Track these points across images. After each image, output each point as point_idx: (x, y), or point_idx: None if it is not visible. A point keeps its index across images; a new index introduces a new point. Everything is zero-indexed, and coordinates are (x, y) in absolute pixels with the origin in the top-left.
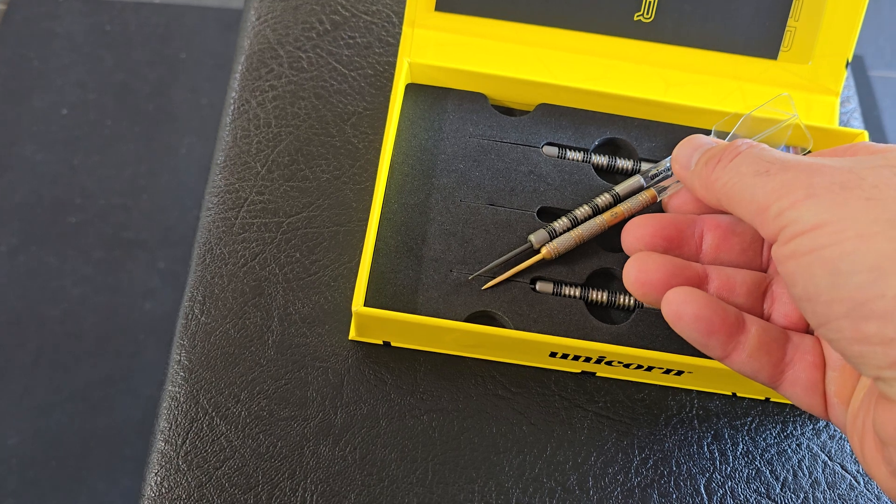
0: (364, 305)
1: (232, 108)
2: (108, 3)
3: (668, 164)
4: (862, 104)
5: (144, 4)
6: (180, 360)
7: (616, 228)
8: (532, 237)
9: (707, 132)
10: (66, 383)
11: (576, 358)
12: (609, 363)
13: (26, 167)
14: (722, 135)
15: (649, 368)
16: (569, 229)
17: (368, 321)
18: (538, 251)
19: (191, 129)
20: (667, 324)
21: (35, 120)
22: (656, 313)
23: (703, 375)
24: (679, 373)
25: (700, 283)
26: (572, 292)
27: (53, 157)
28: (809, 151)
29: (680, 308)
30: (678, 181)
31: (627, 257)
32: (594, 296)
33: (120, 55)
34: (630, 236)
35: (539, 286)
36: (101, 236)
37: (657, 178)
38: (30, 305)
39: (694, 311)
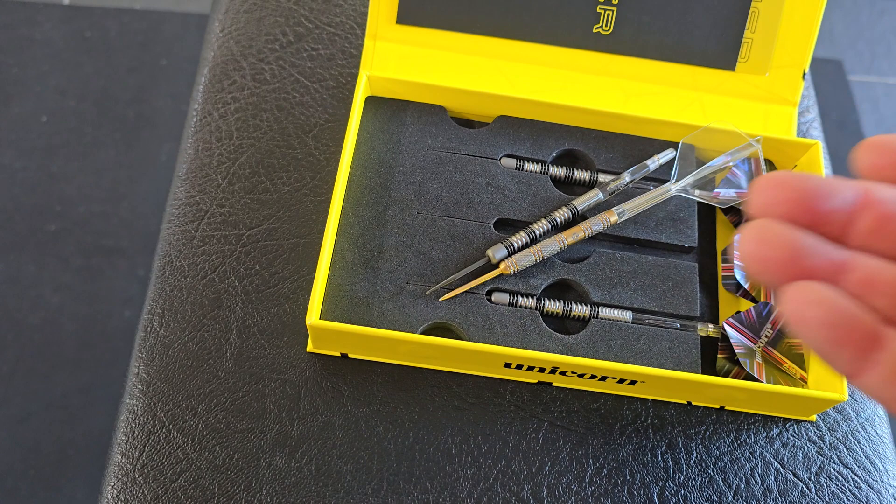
0: (319, 318)
1: (195, 119)
2: (87, 9)
3: (627, 178)
4: (841, 109)
5: (125, 11)
6: (138, 372)
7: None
8: (490, 252)
9: (667, 143)
10: (45, 392)
11: (530, 368)
12: (563, 373)
13: (5, 174)
14: (688, 148)
15: (603, 378)
16: (527, 244)
17: (324, 334)
18: (496, 265)
19: (171, 136)
20: (622, 334)
21: (14, 127)
22: (611, 323)
23: (657, 385)
24: (633, 382)
25: (835, 273)
26: (528, 303)
27: (32, 165)
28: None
29: (804, 309)
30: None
31: (585, 269)
32: (550, 307)
33: (100, 62)
34: (761, 197)
35: (495, 297)
36: (80, 244)
37: (616, 191)
38: (8, 313)
39: (821, 315)
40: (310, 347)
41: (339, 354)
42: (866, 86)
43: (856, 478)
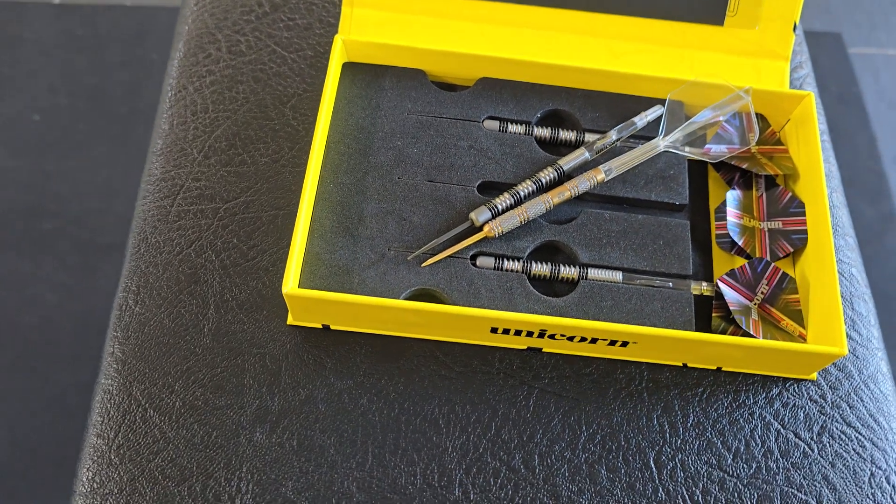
0: (298, 287)
1: (169, 94)
2: (78, 6)
3: (614, 136)
4: (841, 82)
5: (115, 7)
6: (113, 352)
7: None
8: (473, 215)
9: (655, 101)
10: (44, 390)
11: (518, 333)
12: (553, 337)
13: None
14: (676, 104)
15: (594, 341)
16: (511, 206)
17: (302, 303)
18: (480, 229)
19: None
20: (612, 294)
21: (6, 126)
22: (601, 284)
23: (650, 345)
24: (625, 344)
25: None
26: (514, 267)
27: (26, 164)
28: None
29: None
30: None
31: (572, 230)
32: (537, 269)
33: (91, 58)
34: None
35: (480, 261)
36: (76, 241)
37: (603, 150)
38: (5, 313)
39: None
40: (290, 320)
41: (320, 326)
42: (866, 58)
43: (859, 436)
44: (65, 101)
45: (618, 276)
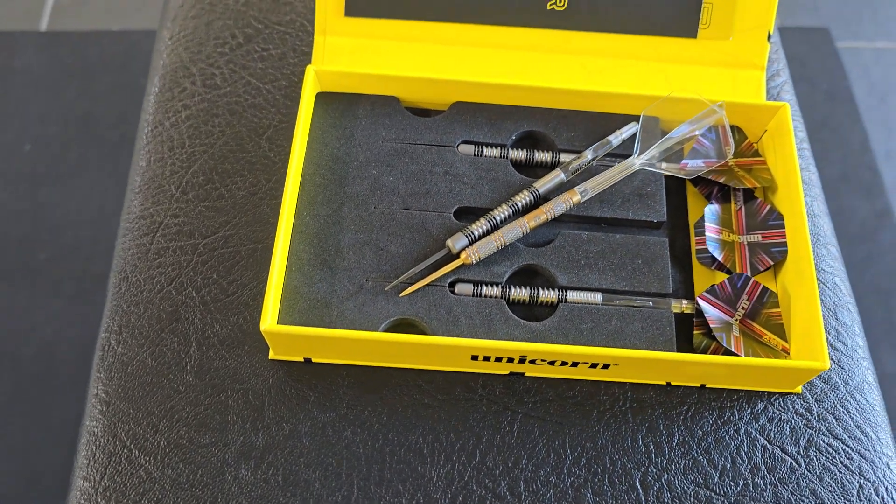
0: (277, 323)
1: (146, 130)
2: (65, 34)
3: (589, 156)
4: (830, 78)
5: (102, 33)
6: (97, 393)
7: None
8: (450, 242)
9: (631, 118)
10: (44, 420)
11: (499, 359)
12: (534, 362)
13: None
14: (651, 121)
15: (575, 364)
16: (488, 231)
17: (281, 339)
18: (457, 256)
19: None
20: (592, 316)
21: None
22: (580, 306)
23: (633, 367)
24: (606, 366)
25: None
26: (493, 292)
27: (18, 194)
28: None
29: None
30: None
31: (550, 253)
32: (516, 294)
33: (80, 86)
34: None
35: (458, 288)
36: (70, 270)
37: (579, 170)
38: (2, 344)
39: None
40: (272, 355)
41: (302, 360)
42: (855, 52)
43: (847, 448)
44: (55, 129)
45: (597, 297)
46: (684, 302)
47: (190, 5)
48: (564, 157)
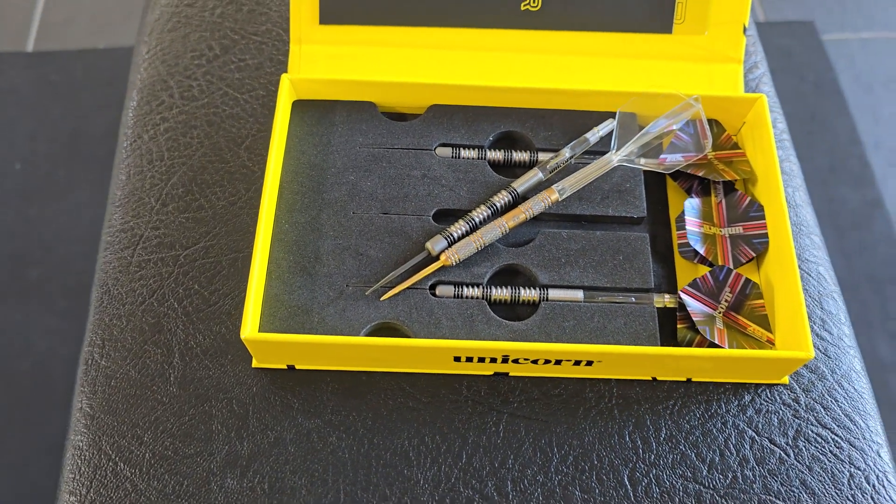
0: (258, 331)
1: (125, 144)
2: (52, 53)
3: (567, 154)
4: (817, 70)
5: (88, 51)
6: (81, 407)
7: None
8: (429, 244)
9: (608, 115)
10: (41, 437)
11: (482, 360)
12: (517, 361)
13: None
14: (627, 117)
15: (559, 362)
16: (467, 233)
17: (263, 347)
18: (437, 258)
19: None
20: (574, 314)
21: None
22: (562, 304)
23: (615, 363)
24: (590, 363)
25: None
26: (474, 293)
27: (9, 212)
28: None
29: None
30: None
31: (530, 252)
32: (497, 294)
33: (68, 104)
34: None
35: (439, 290)
36: (63, 286)
37: (557, 169)
38: None
39: None
40: (255, 363)
41: (285, 367)
42: (840, 43)
43: (836, 438)
44: (44, 147)
45: (579, 294)
46: (667, 296)
47: (166, 19)
48: (542, 157)
